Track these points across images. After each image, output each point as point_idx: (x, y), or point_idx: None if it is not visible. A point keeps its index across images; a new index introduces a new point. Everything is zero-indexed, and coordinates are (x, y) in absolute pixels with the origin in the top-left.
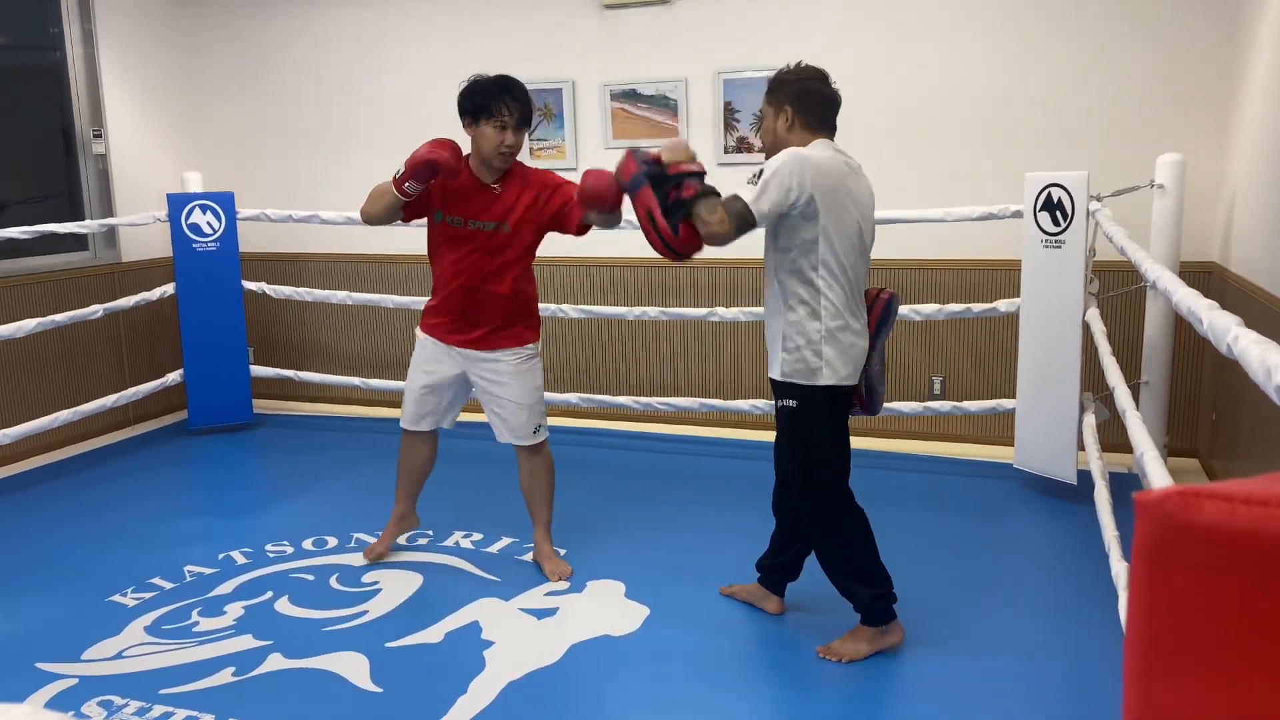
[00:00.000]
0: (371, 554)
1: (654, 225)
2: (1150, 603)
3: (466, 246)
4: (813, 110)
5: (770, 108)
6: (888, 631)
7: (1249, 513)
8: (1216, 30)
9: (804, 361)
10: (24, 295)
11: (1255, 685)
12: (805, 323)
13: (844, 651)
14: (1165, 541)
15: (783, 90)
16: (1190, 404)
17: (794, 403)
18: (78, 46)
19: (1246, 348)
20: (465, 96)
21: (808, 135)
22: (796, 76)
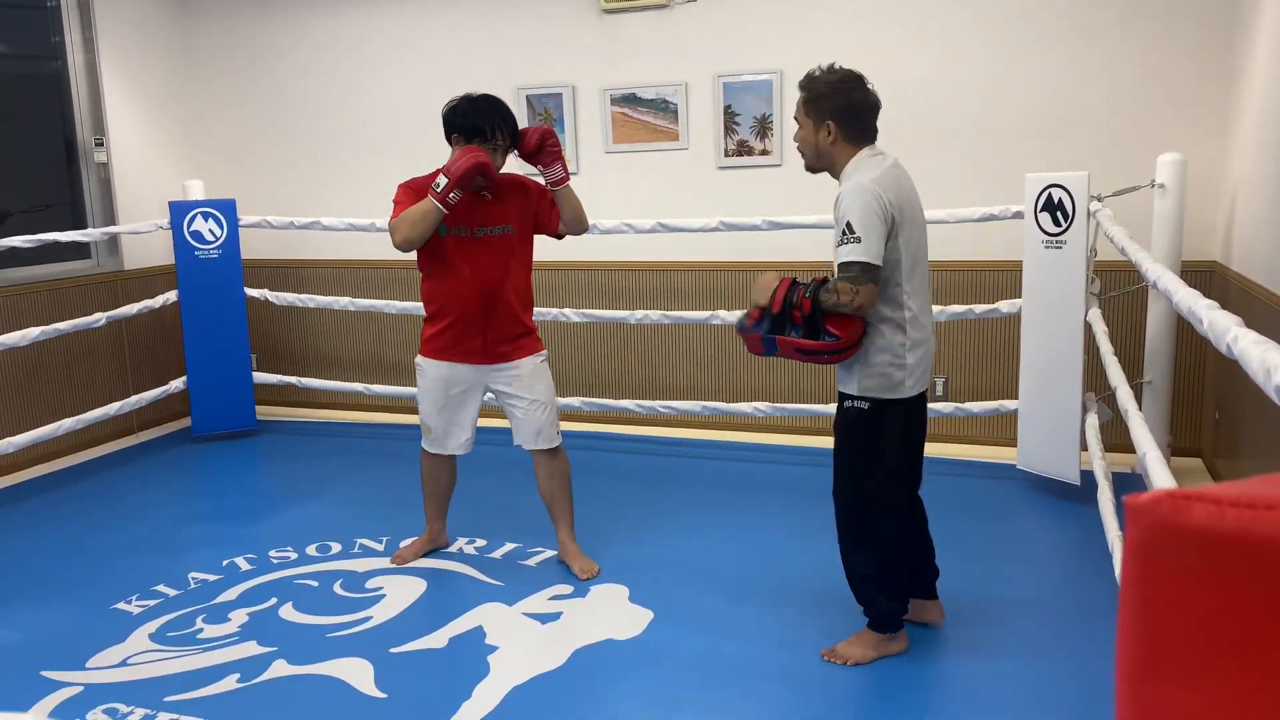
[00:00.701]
0: (399, 559)
1: (815, 354)
2: (1141, 606)
3: (478, 255)
4: (855, 122)
5: (809, 119)
6: (894, 639)
7: (1237, 515)
8: (1216, 29)
9: (887, 377)
10: (27, 304)
11: (1246, 688)
12: (891, 338)
13: (849, 655)
14: (1155, 544)
15: (823, 104)
16: (1193, 403)
17: (865, 406)
18: (79, 55)
19: (1246, 348)
20: (460, 115)
21: (852, 147)
22: (836, 89)
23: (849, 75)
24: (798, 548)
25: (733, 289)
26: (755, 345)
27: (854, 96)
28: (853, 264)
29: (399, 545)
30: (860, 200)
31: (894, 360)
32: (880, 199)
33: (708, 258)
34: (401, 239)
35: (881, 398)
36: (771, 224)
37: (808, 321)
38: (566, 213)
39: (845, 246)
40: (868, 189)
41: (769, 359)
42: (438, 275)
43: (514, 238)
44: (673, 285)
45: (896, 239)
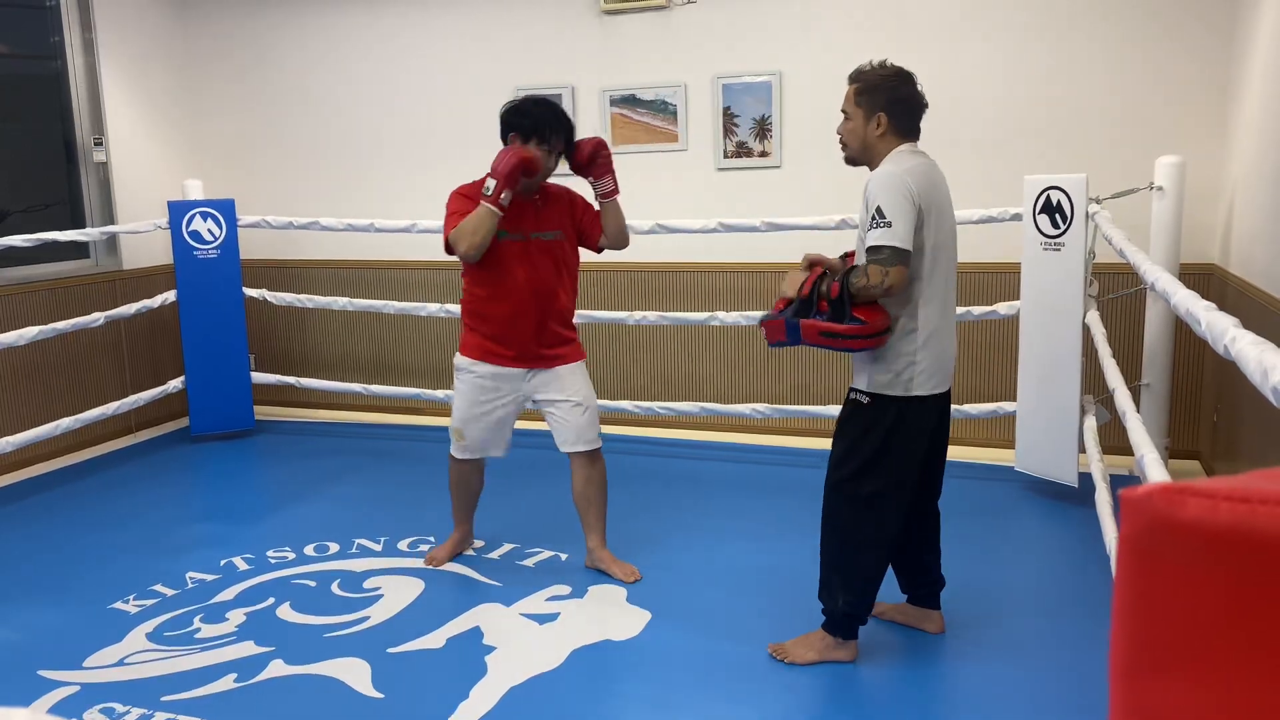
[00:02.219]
0: (432, 560)
1: (839, 337)
2: (1135, 600)
3: (533, 259)
4: (905, 117)
5: (860, 110)
6: (842, 646)
7: (1231, 509)
8: (1214, 33)
9: (895, 374)
10: (26, 303)
11: (1240, 682)
12: (902, 335)
13: (791, 652)
14: (1149, 539)
15: (876, 96)
16: (1191, 406)
17: (866, 399)
18: (79, 55)
19: (1244, 349)
20: (519, 115)
21: (897, 141)
22: (891, 82)
23: (902, 71)
24: (796, 549)
25: (731, 290)
26: (777, 331)
27: (906, 91)
28: (883, 247)
29: (396, 545)
30: (890, 185)
31: (904, 357)
32: (910, 187)
33: (706, 259)
34: (466, 249)
35: (885, 394)
36: (770, 225)
37: (834, 305)
38: (610, 225)
39: (875, 230)
40: (897, 175)
41: (779, 353)
42: (492, 280)
43: (564, 244)
44: (671, 286)
45: (920, 232)
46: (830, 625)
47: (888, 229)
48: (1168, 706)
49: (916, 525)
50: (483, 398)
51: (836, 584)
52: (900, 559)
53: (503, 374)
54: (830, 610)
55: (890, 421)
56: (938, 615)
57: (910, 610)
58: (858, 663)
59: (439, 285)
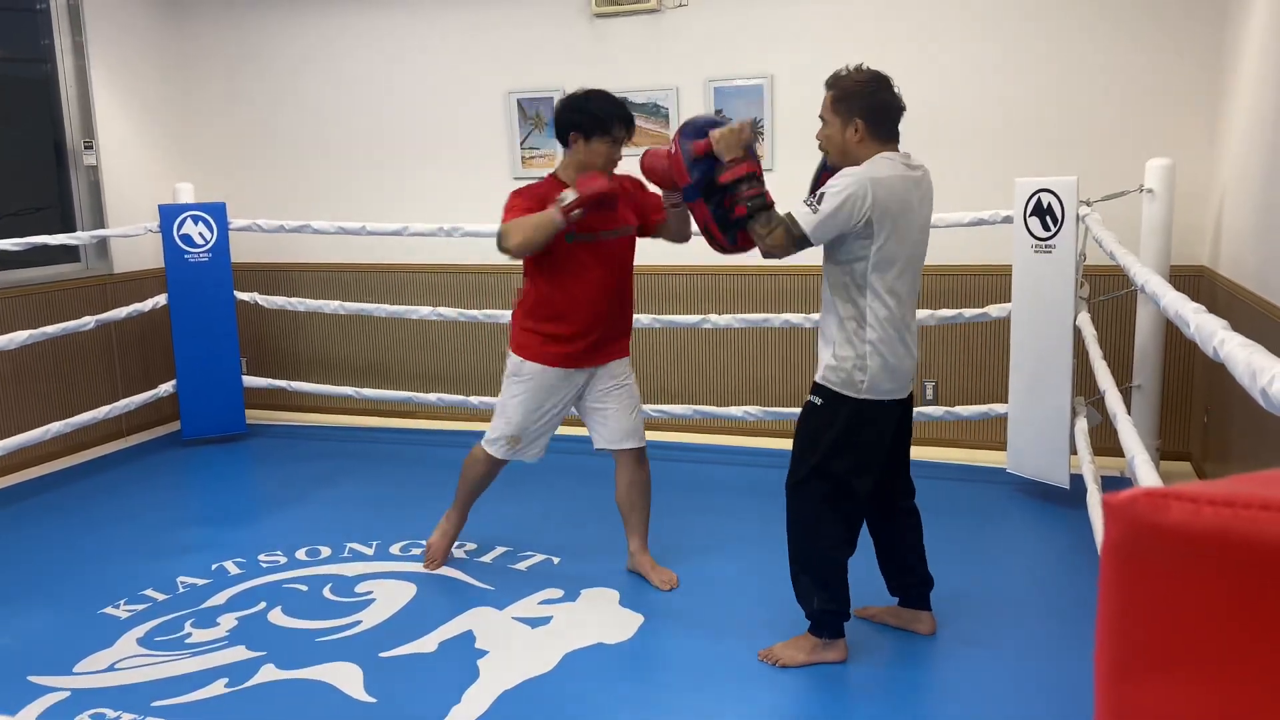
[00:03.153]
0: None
1: (711, 237)
2: (1119, 603)
3: (605, 258)
4: (882, 123)
5: (836, 117)
6: (830, 647)
7: (1214, 513)
8: (1204, 36)
9: (847, 373)
10: (15, 307)
11: (1224, 685)
12: (853, 336)
13: (780, 656)
14: (1133, 543)
15: (853, 102)
16: (1182, 407)
17: (819, 400)
18: (69, 58)
19: (1232, 351)
20: (580, 113)
21: (876, 146)
22: (867, 88)
23: (878, 76)
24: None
25: (723, 293)
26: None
27: (882, 97)
28: (798, 224)
29: (388, 549)
30: (849, 189)
31: (854, 359)
32: (865, 198)
33: (698, 260)
34: (518, 244)
35: (839, 392)
36: None
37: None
38: (676, 225)
39: (805, 209)
40: (863, 180)
41: (775, 357)
42: (562, 281)
43: (632, 237)
44: (663, 289)
45: (867, 241)
46: (814, 627)
47: (812, 215)
48: (1153, 710)
49: (896, 526)
50: (548, 402)
51: (807, 584)
52: (885, 561)
53: (571, 376)
54: (810, 612)
55: (843, 421)
56: (928, 616)
57: (901, 612)
58: (848, 664)
59: (431, 288)
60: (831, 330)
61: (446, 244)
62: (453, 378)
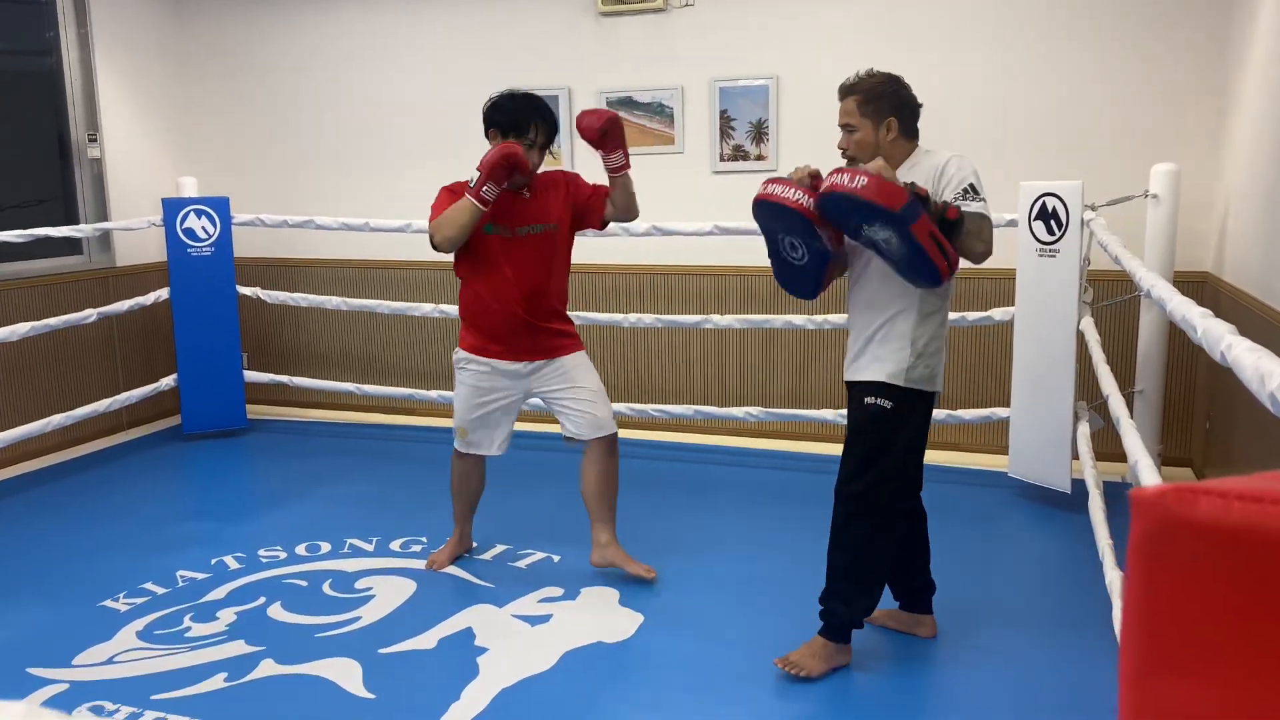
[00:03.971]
0: (433, 563)
1: (940, 248)
2: (1146, 601)
3: (521, 254)
4: (911, 119)
5: (867, 120)
6: (842, 650)
7: (1244, 509)
8: (1210, 41)
9: (932, 368)
10: (18, 299)
11: (1251, 683)
12: (935, 328)
13: (805, 665)
14: (1161, 539)
15: (884, 102)
16: (1184, 413)
17: (889, 403)
18: (73, 51)
19: (1240, 355)
20: (499, 111)
21: (908, 145)
22: (891, 86)
23: (894, 75)
24: (788, 552)
25: (726, 293)
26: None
27: (908, 94)
28: (985, 217)
29: (388, 545)
30: (971, 165)
31: (932, 352)
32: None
33: (702, 261)
34: (442, 239)
35: (916, 389)
36: None
37: (954, 224)
38: (620, 198)
39: (975, 202)
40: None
41: (772, 357)
42: (480, 276)
43: (555, 235)
44: (666, 289)
45: None
46: (831, 632)
47: (985, 204)
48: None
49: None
50: (481, 395)
51: (851, 593)
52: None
53: (500, 368)
54: (839, 619)
55: (917, 421)
56: (930, 619)
57: (903, 616)
58: (850, 667)
59: (433, 285)
60: (906, 327)
61: None
62: (454, 375)
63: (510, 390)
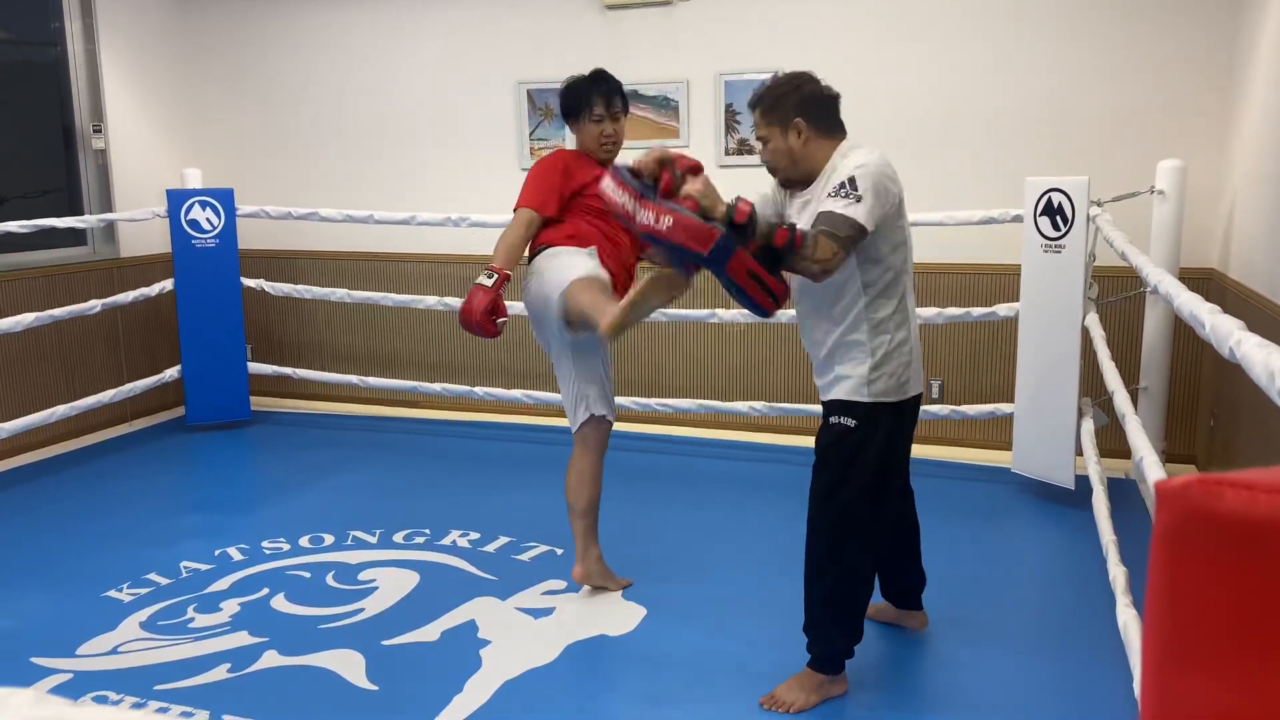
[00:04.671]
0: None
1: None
2: (1170, 591)
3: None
4: (823, 115)
5: (775, 128)
6: (835, 681)
7: (1270, 501)
8: (1216, 37)
9: (897, 377)
10: (22, 290)
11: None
12: (895, 334)
13: (789, 700)
14: (1186, 530)
15: (784, 104)
16: (1188, 410)
17: (852, 421)
18: (79, 42)
19: (1249, 351)
20: (560, 99)
21: (827, 142)
22: (787, 87)
23: (797, 73)
24: (790, 547)
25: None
26: (698, 239)
27: (810, 89)
28: (847, 219)
29: (392, 537)
30: (875, 166)
31: (900, 356)
32: (893, 176)
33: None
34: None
35: (881, 401)
36: None
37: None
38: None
39: (842, 200)
40: (876, 162)
41: (780, 353)
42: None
43: None
44: None
45: (901, 221)
46: (822, 664)
47: (857, 204)
48: (1202, 699)
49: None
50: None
51: (827, 620)
52: (882, 568)
53: None
54: (825, 651)
55: (884, 433)
56: (920, 614)
57: (891, 611)
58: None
59: (437, 278)
60: (860, 337)
61: (454, 233)
62: (458, 368)
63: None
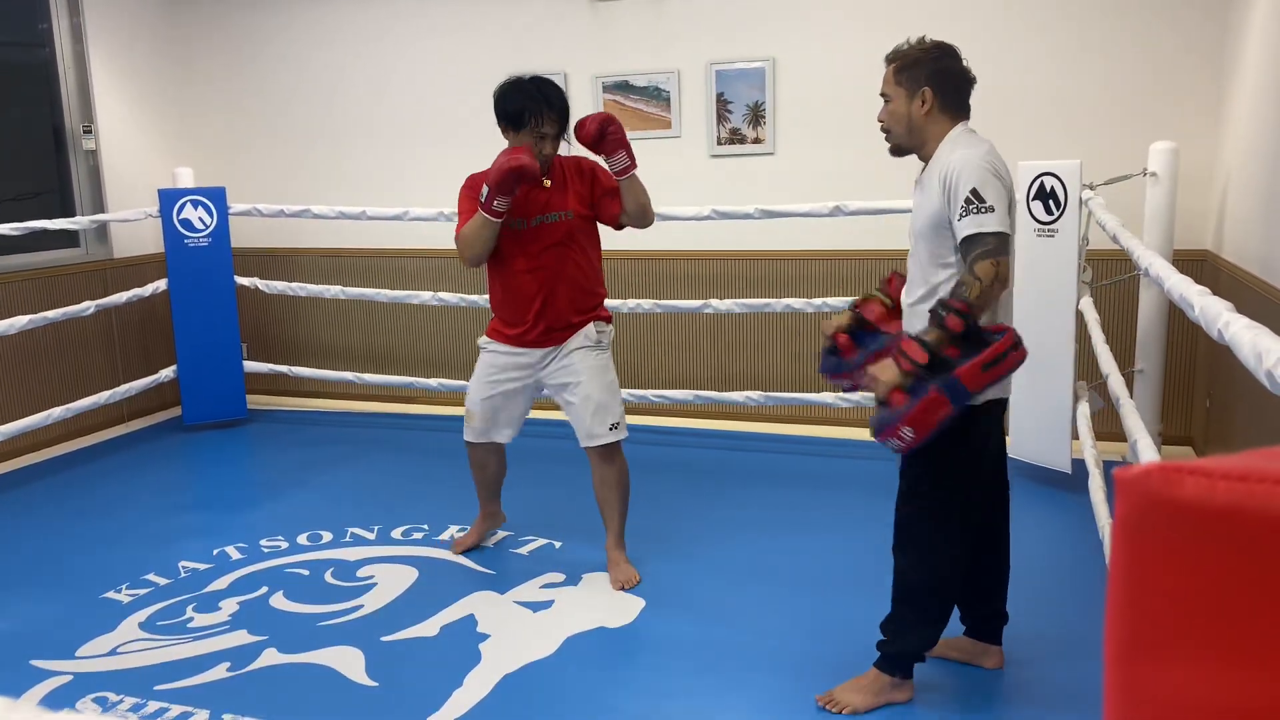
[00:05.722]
0: (460, 546)
1: (1000, 359)
2: (1130, 581)
3: (535, 244)
4: (952, 92)
5: (901, 89)
6: (900, 686)
7: (1229, 488)
8: (1208, 18)
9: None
10: (15, 292)
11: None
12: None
13: (847, 702)
14: (1145, 519)
15: (918, 70)
16: (1184, 392)
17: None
18: (67, 42)
19: (1238, 333)
20: (501, 102)
21: (948, 119)
22: (931, 54)
23: (943, 44)
24: (788, 537)
25: (724, 277)
26: (934, 409)
27: (950, 64)
28: (985, 235)
29: (390, 534)
30: (980, 171)
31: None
32: (998, 169)
33: (700, 246)
34: (469, 258)
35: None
36: (764, 212)
37: (964, 339)
38: (629, 204)
39: (971, 217)
40: (984, 161)
41: (771, 340)
42: (495, 266)
43: (573, 223)
44: (664, 273)
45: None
46: (889, 664)
47: (989, 214)
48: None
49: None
50: (491, 376)
51: (906, 621)
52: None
53: (512, 354)
54: (896, 650)
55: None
56: (997, 650)
57: (966, 644)
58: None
59: (431, 273)
60: None
61: (447, 228)
62: (453, 363)
63: (520, 377)
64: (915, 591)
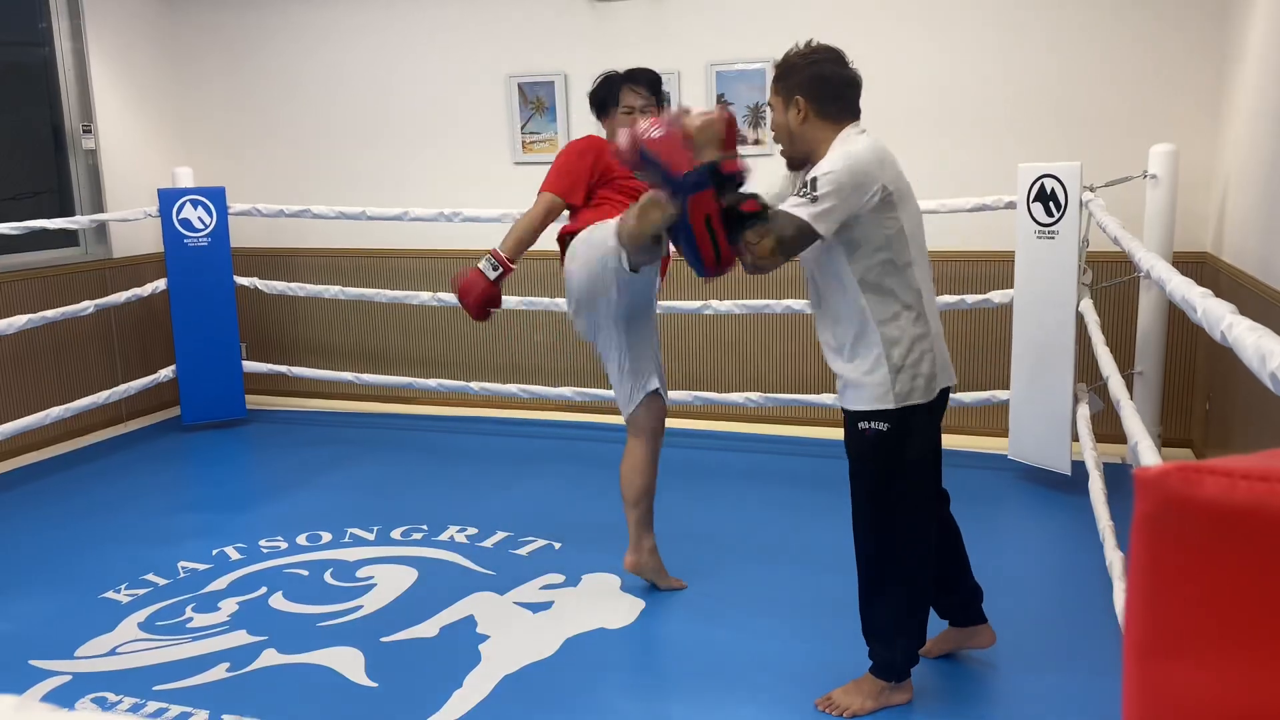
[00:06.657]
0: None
1: (713, 240)
2: (1149, 581)
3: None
4: (829, 98)
5: (779, 98)
6: (898, 689)
7: (1249, 488)
8: (1209, 20)
9: (921, 375)
10: (14, 291)
11: (1256, 663)
12: (909, 329)
13: (846, 705)
14: (1165, 518)
15: (791, 79)
16: (1184, 394)
17: (885, 425)
18: (66, 42)
19: (1240, 335)
20: (590, 94)
21: (829, 126)
22: (806, 60)
23: (823, 48)
24: (788, 538)
25: (724, 278)
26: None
27: (825, 69)
28: (795, 221)
29: (389, 534)
30: (845, 165)
31: (919, 355)
32: (869, 173)
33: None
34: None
35: (913, 403)
36: None
37: (741, 218)
38: None
39: (796, 200)
40: (861, 156)
41: (774, 343)
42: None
43: None
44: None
45: (894, 211)
46: (885, 671)
47: (810, 204)
48: (1182, 687)
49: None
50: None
51: (889, 631)
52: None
53: None
54: (885, 659)
55: (914, 433)
56: (986, 628)
57: (954, 634)
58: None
59: (431, 274)
60: (872, 339)
61: (447, 229)
62: (453, 363)
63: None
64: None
